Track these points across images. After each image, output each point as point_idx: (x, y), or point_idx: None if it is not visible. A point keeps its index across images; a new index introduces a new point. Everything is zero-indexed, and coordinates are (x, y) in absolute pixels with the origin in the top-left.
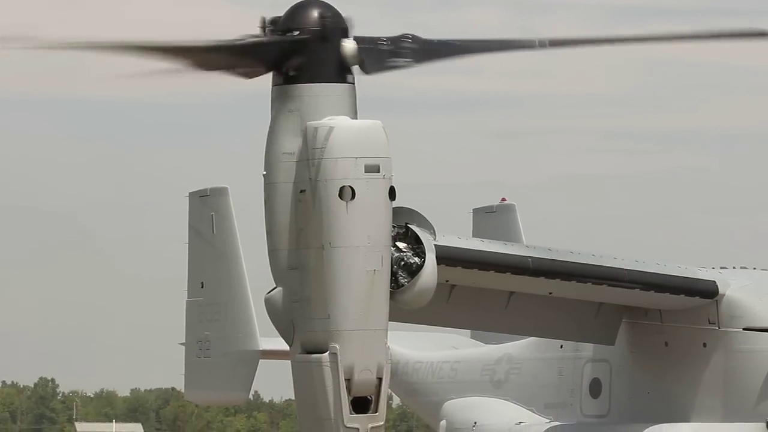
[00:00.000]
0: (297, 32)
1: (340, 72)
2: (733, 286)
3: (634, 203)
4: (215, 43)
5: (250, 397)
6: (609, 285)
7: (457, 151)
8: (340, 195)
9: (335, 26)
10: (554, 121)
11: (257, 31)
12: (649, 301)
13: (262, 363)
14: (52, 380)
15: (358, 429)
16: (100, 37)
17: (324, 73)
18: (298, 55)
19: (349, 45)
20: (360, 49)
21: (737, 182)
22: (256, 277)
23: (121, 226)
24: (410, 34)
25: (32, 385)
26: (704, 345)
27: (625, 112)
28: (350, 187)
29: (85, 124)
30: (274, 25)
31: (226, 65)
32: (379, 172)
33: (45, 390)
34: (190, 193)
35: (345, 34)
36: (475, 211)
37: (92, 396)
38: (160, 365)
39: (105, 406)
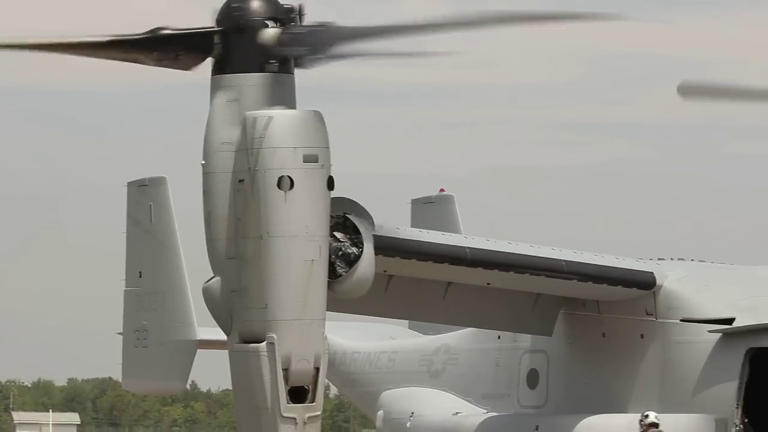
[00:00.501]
0: (220, 22)
1: (270, 62)
2: (671, 278)
3: (572, 194)
4: (120, 37)
5: (188, 386)
6: (547, 276)
7: (396, 141)
8: (279, 185)
9: (257, 15)
10: (494, 111)
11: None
12: (587, 293)
13: (200, 353)
14: None
15: (295, 419)
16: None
17: (254, 63)
18: (224, 45)
19: (269, 33)
20: (284, 38)
21: (676, 173)
22: (194, 267)
23: (54, 218)
24: (326, 23)
25: None
26: (642, 336)
27: (565, 103)
28: (288, 176)
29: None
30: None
31: (154, 57)
32: (317, 162)
33: None
34: (128, 182)
35: (269, 23)
36: (414, 202)
37: (29, 386)
38: (97, 355)
39: (42, 396)
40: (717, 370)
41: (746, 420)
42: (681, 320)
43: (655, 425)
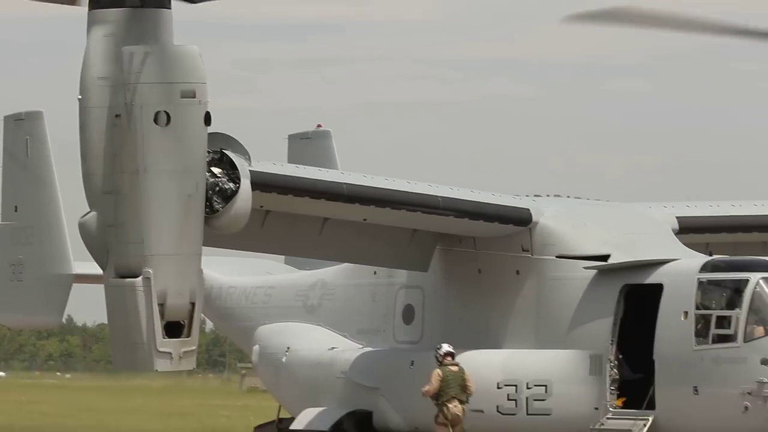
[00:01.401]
0: None
1: None
2: (547, 214)
3: (449, 131)
4: None
5: (63, 320)
6: (423, 212)
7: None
8: (155, 120)
9: None
10: (371, 48)
11: None
12: (463, 229)
13: (76, 287)
14: None
15: (170, 353)
16: None
17: None
18: None
19: None
20: None
21: (554, 111)
22: (70, 202)
23: None
24: None
25: None
26: (517, 272)
27: (442, 39)
28: (165, 112)
29: None
30: None
31: None
32: (194, 97)
33: None
34: (4, 116)
35: None
36: (291, 138)
37: None
38: None
39: None
40: (592, 306)
41: (621, 356)
42: (557, 257)
43: (451, 354)
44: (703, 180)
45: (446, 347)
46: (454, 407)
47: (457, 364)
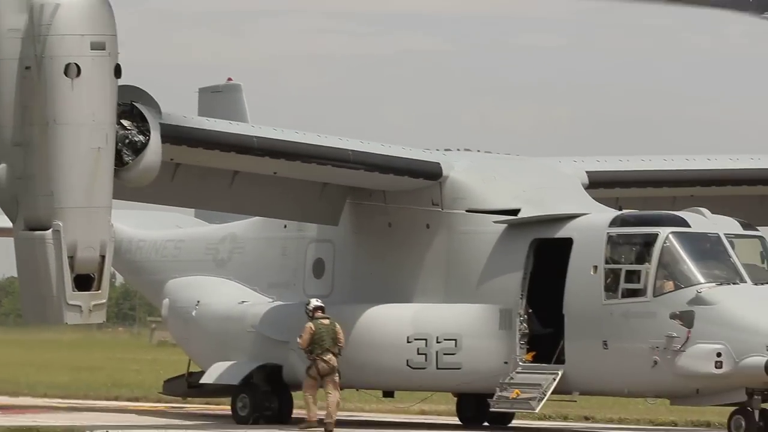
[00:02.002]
0: None
1: None
2: (457, 168)
3: (360, 85)
4: None
5: None
6: (333, 165)
7: (183, 30)
8: (66, 72)
9: None
10: (282, 1)
11: None
12: (374, 182)
13: None
14: None
15: (80, 306)
16: None
17: None
18: None
19: None
20: None
21: (465, 65)
22: None
23: None
24: None
25: None
26: (427, 226)
27: None
28: (75, 64)
29: None
30: None
31: None
32: (104, 49)
33: None
34: None
35: None
36: (201, 91)
37: None
38: None
39: None
40: (502, 260)
41: (530, 310)
42: (467, 211)
43: (321, 308)
44: (613, 135)
45: (315, 302)
46: (329, 359)
47: (328, 318)
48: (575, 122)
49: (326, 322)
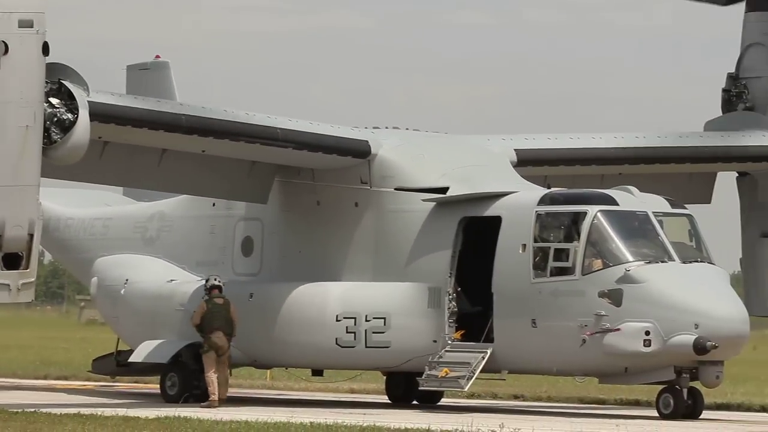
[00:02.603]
0: None
1: None
2: (386, 147)
3: (289, 62)
4: None
5: None
6: (262, 144)
7: (110, 7)
8: None
9: None
10: None
11: None
12: (302, 160)
13: None
14: None
15: (8, 285)
16: None
17: None
18: None
19: None
20: None
21: (394, 42)
22: None
23: None
24: None
25: None
26: (356, 204)
27: None
28: (3, 42)
29: None
30: None
31: None
32: (32, 27)
33: None
34: None
35: None
36: (129, 68)
37: None
38: None
39: None
40: (431, 238)
41: (459, 289)
42: (395, 189)
43: (218, 287)
44: (542, 113)
45: (212, 281)
46: (218, 338)
47: (223, 297)
48: (504, 100)
49: (220, 301)
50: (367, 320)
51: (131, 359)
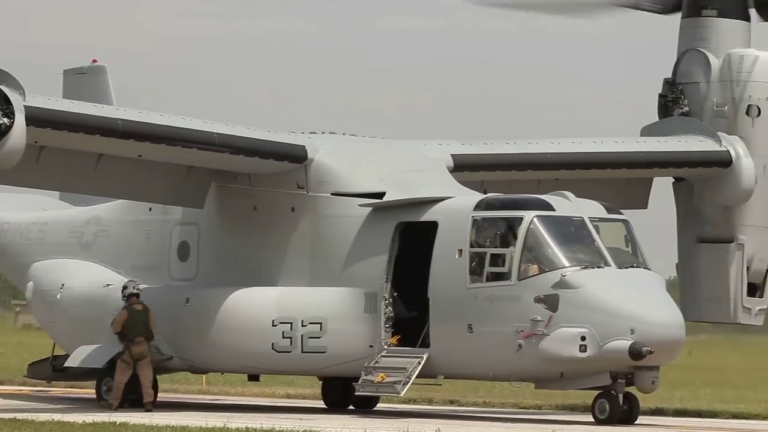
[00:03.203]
0: None
1: None
2: (322, 152)
3: (225, 67)
4: None
5: None
6: (199, 148)
7: (47, 10)
8: None
9: None
10: None
11: None
12: (239, 165)
13: None
14: None
15: None
16: None
17: None
18: None
19: None
20: None
21: (330, 47)
22: None
23: None
24: None
25: None
26: (293, 209)
27: None
28: None
29: None
30: None
31: None
32: None
33: None
34: None
35: None
36: (66, 73)
37: None
38: None
39: None
40: (367, 244)
41: (395, 293)
42: (332, 194)
43: (136, 295)
44: (479, 118)
45: (131, 288)
46: (139, 345)
47: (142, 303)
48: (441, 105)
49: (139, 308)
50: (303, 325)
51: (67, 364)
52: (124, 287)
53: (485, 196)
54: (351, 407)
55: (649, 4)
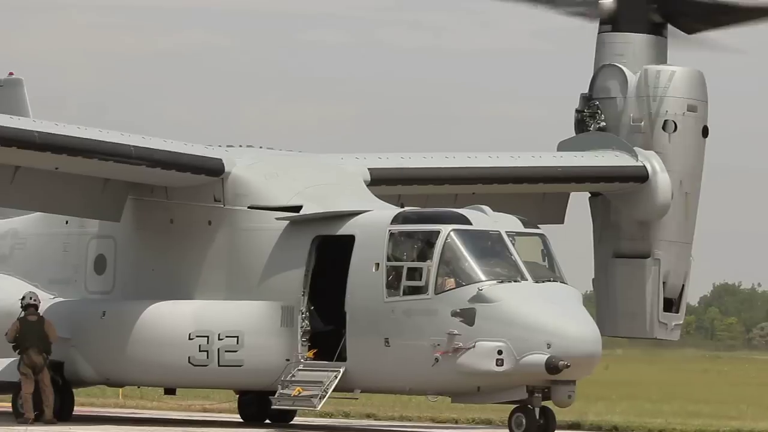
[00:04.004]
0: None
1: None
2: (239, 165)
3: (144, 81)
4: None
5: None
6: (115, 161)
7: None
8: None
9: None
10: None
11: None
12: (156, 178)
13: None
14: None
15: None
16: None
17: None
18: None
19: None
20: None
21: (247, 61)
22: None
23: None
24: None
25: None
26: (209, 223)
27: None
28: None
29: None
30: None
31: None
32: None
33: None
34: None
35: None
36: None
37: None
38: None
39: None
40: (284, 257)
41: (312, 307)
42: (249, 207)
43: (33, 306)
44: (397, 132)
45: (27, 299)
46: (34, 355)
47: (37, 315)
48: (360, 120)
49: (33, 318)
50: (220, 339)
51: None
52: (22, 297)
53: (402, 209)
54: (267, 421)
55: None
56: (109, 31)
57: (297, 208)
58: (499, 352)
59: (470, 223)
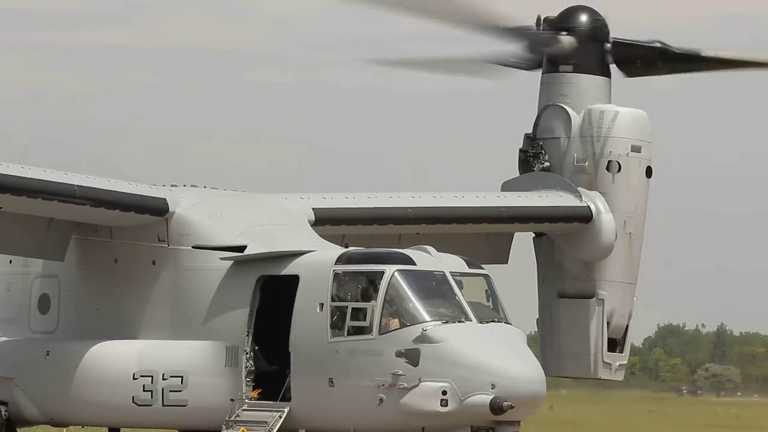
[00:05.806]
0: None
1: None
2: (183, 204)
3: (88, 121)
4: None
5: None
6: (59, 201)
7: None
8: None
9: None
10: (6, 34)
11: None
12: (100, 218)
13: None
14: None
15: None
16: None
17: None
18: None
19: None
20: None
21: (192, 101)
22: None
23: None
24: None
25: None
26: (153, 262)
27: (80, 27)
28: None
29: None
30: None
31: None
32: None
33: None
34: None
35: None
36: None
37: None
38: None
39: None
40: (228, 297)
41: (257, 347)
42: (193, 247)
43: None
44: (343, 172)
45: None
46: None
47: None
48: (305, 159)
49: None
50: (164, 378)
51: None
52: None
53: (346, 249)
54: None
55: (516, 60)
56: (54, 71)
57: (241, 248)
58: (444, 393)
59: (414, 264)
